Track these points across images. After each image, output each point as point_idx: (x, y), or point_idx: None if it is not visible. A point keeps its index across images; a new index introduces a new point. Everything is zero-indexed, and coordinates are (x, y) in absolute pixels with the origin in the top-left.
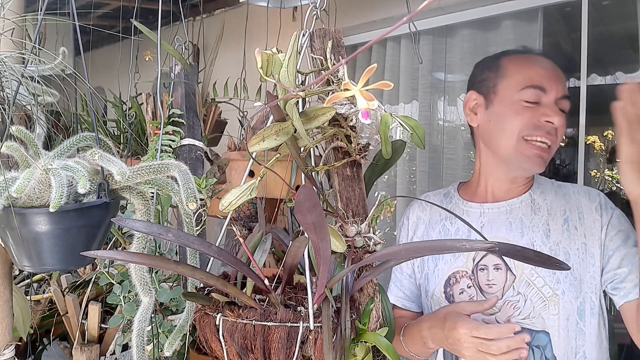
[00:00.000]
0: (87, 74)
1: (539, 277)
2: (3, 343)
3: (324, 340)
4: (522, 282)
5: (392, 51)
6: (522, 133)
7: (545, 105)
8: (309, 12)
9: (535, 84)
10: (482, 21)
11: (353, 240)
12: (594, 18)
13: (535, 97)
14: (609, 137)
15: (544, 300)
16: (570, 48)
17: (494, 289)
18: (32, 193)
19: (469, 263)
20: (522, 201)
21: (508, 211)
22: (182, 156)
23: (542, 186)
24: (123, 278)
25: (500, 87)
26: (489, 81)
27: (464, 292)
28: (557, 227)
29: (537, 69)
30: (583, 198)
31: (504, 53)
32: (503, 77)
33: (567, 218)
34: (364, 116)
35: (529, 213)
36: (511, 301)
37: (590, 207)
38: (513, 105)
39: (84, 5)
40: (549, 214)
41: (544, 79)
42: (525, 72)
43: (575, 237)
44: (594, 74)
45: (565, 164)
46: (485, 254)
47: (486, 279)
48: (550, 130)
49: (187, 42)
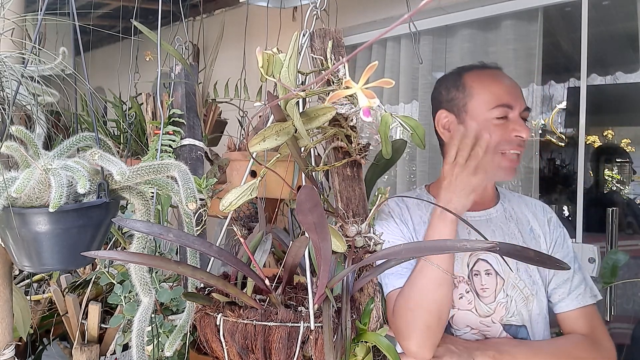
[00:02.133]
0: (87, 74)
1: (521, 280)
2: (3, 343)
3: (325, 340)
4: (509, 285)
5: (392, 51)
6: (497, 148)
7: (513, 120)
8: (309, 12)
9: (503, 102)
10: (482, 21)
11: (353, 240)
12: (594, 18)
13: (504, 114)
14: (609, 137)
15: (524, 300)
16: (570, 48)
17: (487, 293)
18: (31, 193)
19: (464, 268)
20: (497, 210)
21: (488, 219)
22: (183, 156)
23: (507, 196)
24: (124, 278)
25: (470, 107)
26: (458, 101)
27: (463, 296)
28: (526, 234)
29: (501, 86)
30: (539, 211)
31: (463, 69)
32: (471, 96)
33: (532, 227)
34: (366, 114)
35: (505, 221)
36: (502, 302)
37: (543, 220)
38: (484, 124)
39: (84, 5)
40: (518, 222)
41: (510, 96)
42: (492, 91)
43: (539, 243)
44: (594, 74)
45: (565, 164)
46: (477, 260)
47: (480, 283)
48: (520, 142)
49: (187, 42)
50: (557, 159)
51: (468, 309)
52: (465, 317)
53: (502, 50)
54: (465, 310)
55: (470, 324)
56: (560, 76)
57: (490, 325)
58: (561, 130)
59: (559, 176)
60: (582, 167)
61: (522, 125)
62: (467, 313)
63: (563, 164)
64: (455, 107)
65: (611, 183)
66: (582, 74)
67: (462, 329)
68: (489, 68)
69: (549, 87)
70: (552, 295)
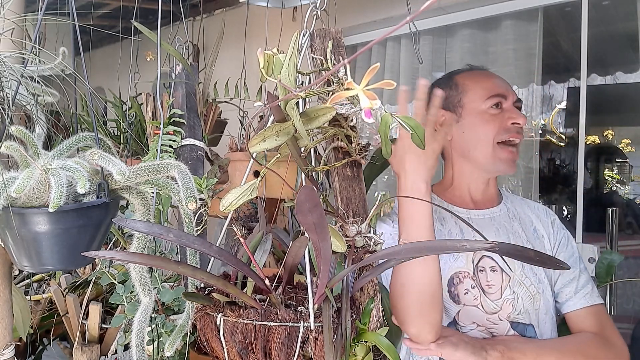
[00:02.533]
0: (87, 74)
1: (527, 278)
2: (3, 343)
3: (325, 340)
4: (515, 282)
5: (392, 51)
6: (496, 138)
7: (508, 109)
8: (309, 12)
9: (496, 92)
10: (482, 21)
11: (353, 240)
12: (594, 18)
13: (498, 102)
14: (609, 137)
15: (531, 298)
16: (570, 48)
17: (493, 289)
18: (31, 193)
19: (469, 264)
20: (500, 209)
21: (492, 218)
22: (183, 156)
23: (510, 197)
24: (125, 278)
25: (466, 101)
26: (452, 98)
27: (469, 292)
28: (530, 234)
29: (492, 80)
30: (542, 213)
31: (453, 72)
32: (464, 92)
33: (535, 227)
34: (367, 115)
35: (508, 220)
36: (509, 299)
37: (547, 221)
38: (482, 115)
39: (84, 5)
40: (521, 222)
41: (501, 87)
42: (483, 85)
43: (543, 243)
44: (594, 74)
45: (565, 164)
46: (482, 256)
47: (486, 279)
48: (518, 130)
49: (187, 42)
50: (557, 159)
51: (474, 305)
52: (472, 313)
53: (502, 50)
54: (471, 306)
55: (477, 321)
56: (560, 76)
57: (497, 323)
58: (561, 130)
59: (559, 176)
60: (582, 167)
61: (517, 113)
62: (473, 309)
63: (563, 164)
64: (450, 104)
65: (611, 183)
66: (582, 74)
67: (468, 325)
68: (477, 69)
69: (549, 87)
70: (559, 295)
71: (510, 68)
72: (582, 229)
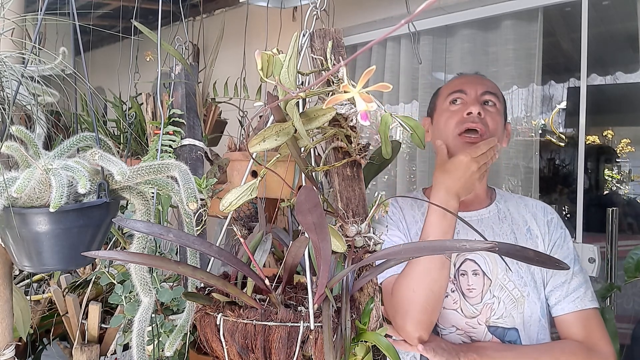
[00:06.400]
0: (87, 74)
1: (510, 281)
2: (3, 343)
3: (325, 340)
4: (497, 286)
5: (392, 51)
6: (455, 131)
7: (467, 102)
8: (309, 13)
9: (455, 89)
10: (482, 21)
11: (353, 240)
12: (594, 18)
13: (456, 99)
14: (609, 137)
15: (514, 301)
16: (570, 48)
17: (474, 293)
18: (32, 193)
19: (450, 268)
20: (489, 211)
21: (479, 220)
22: (183, 156)
23: (504, 197)
24: (124, 278)
25: (437, 104)
26: (431, 104)
27: (449, 295)
28: (522, 235)
29: (459, 79)
30: (539, 211)
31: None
32: (437, 96)
33: (529, 228)
34: (363, 118)
35: (497, 222)
36: (489, 304)
37: (543, 220)
38: (444, 112)
39: (84, 5)
40: (513, 222)
41: (463, 84)
42: (449, 85)
43: (536, 244)
44: (594, 74)
45: (565, 164)
46: (464, 260)
47: (467, 283)
48: (474, 119)
49: (187, 42)
50: (557, 159)
51: (453, 308)
52: (451, 317)
53: (502, 50)
54: (451, 309)
55: (456, 324)
56: (560, 76)
57: (475, 327)
58: (561, 130)
59: (559, 176)
60: (582, 167)
61: (473, 103)
62: (452, 312)
63: (563, 164)
64: (429, 110)
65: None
66: (582, 74)
67: (448, 328)
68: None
69: (549, 87)
70: (550, 298)
71: (510, 68)
72: (582, 229)
